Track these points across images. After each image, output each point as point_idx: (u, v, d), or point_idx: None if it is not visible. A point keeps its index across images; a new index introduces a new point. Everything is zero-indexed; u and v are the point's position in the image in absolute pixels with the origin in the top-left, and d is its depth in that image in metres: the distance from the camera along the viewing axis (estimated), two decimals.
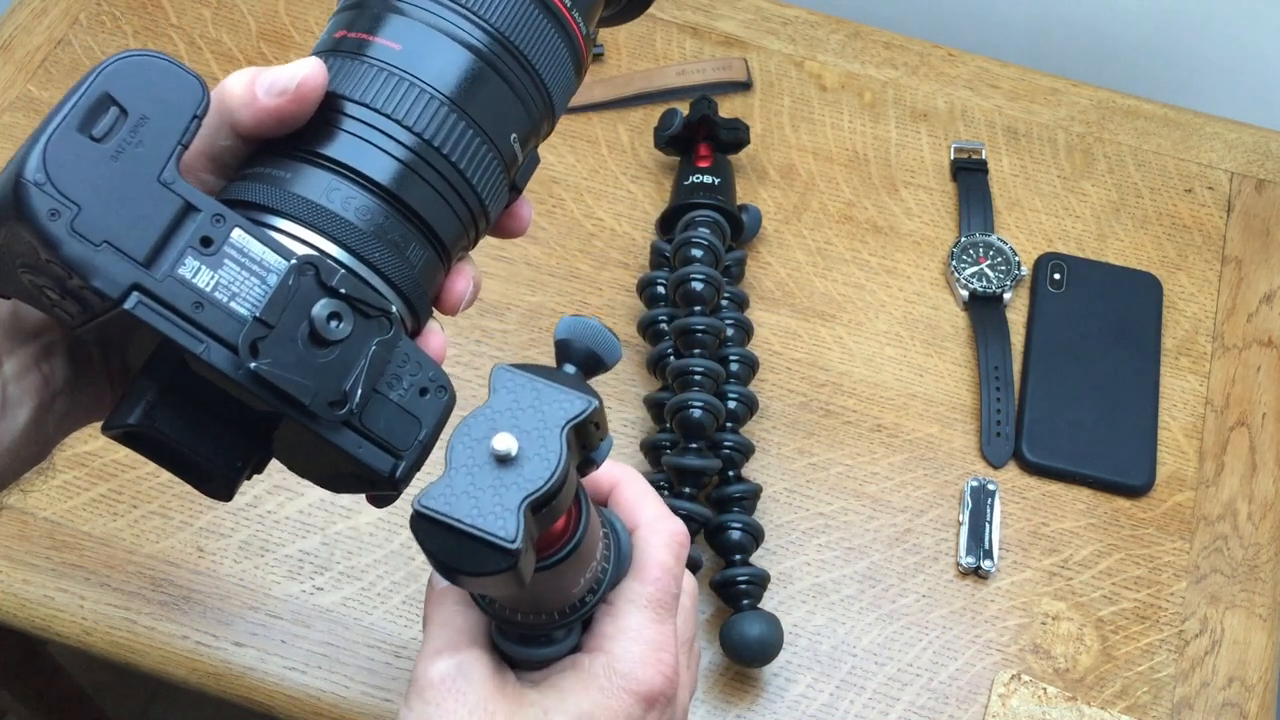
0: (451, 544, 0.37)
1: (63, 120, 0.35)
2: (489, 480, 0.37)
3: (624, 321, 0.84)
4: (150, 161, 0.36)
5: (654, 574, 0.44)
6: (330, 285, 0.37)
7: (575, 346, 0.41)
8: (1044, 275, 0.87)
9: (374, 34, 0.42)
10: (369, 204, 0.40)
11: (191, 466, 0.40)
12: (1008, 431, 0.81)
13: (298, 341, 0.36)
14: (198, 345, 0.36)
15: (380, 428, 0.38)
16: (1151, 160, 0.94)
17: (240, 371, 0.36)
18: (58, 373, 0.42)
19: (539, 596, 0.42)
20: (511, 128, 0.44)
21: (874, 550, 0.77)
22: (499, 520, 0.36)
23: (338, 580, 0.74)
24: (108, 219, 0.35)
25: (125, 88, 0.36)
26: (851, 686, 0.73)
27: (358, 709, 0.70)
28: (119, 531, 0.75)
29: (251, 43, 0.95)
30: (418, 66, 0.41)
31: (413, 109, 0.41)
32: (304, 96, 0.40)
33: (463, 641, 0.43)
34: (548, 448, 0.37)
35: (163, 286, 0.35)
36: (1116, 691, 0.74)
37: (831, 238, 0.89)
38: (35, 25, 0.95)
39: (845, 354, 0.84)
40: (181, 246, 0.36)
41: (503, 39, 0.43)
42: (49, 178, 0.34)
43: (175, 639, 0.72)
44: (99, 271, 0.35)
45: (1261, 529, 0.79)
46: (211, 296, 0.36)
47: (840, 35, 0.99)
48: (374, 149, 0.40)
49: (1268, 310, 0.88)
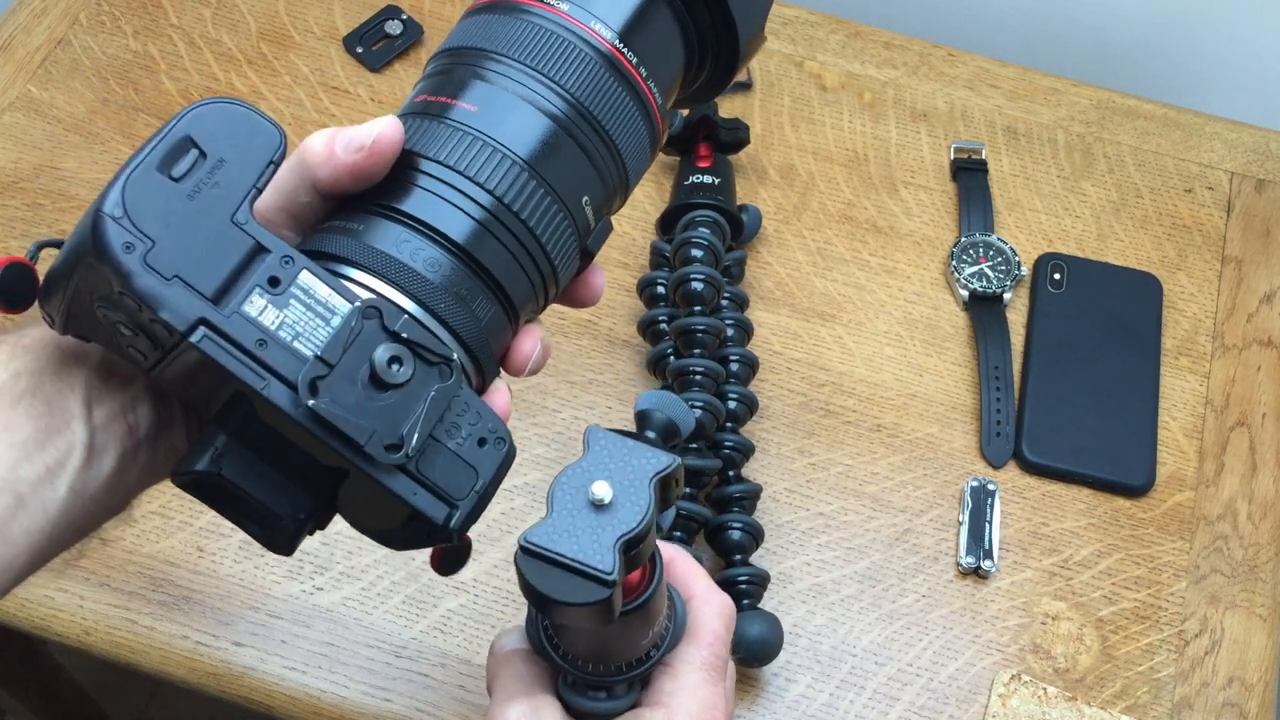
0: (554, 577, 0.40)
1: (143, 159, 0.36)
2: (587, 523, 0.40)
3: (624, 321, 0.84)
4: (225, 203, 0.37)
5: (708, 639, 0.48)
6: (393, 330, 0.38)
7: (655, 416, 0.45)
8: (1044, 275, 0.87)
9: (455, 98, 0.43)
10: (437, 257, 0.41)
11: (255, 516, 0.41)
12: (1008, 431, 0.81)
13: (357, 383, 0.37)
14: (259, 381, 0.36)
15: (436, 475, 0.39)
16: (1151, 160, 0.94)
17: (299, 409, 0.37)
18: (142, 423, 0.43)
19: (611, 644, 0.45)
20: (585, 193, 0.45)
21: (874, 550, 0.77)
22: (598, 555, 0.40)
23: (338, 580, 0.74)
24: (180, 255, 0.36)
25: (206, 131, 0.37)
26: (851, 686, 0.73)
27: (358, 709, 0.70)
28: (119, 532, 0.75)
29: (251, 42, 0.95)
30: (495, 129, 0.43)
31: (486, 168, 0.42)
32: (380, 152, 0.41)
33: (535, 689, 0.46)
34: (638, 496, 0.41)
35: (229, 322, 0.36)
36: (1116, 691, 0.74)
37: (831, 238, 0.89)
38: (35, 25, 0.95)
39: (845, 354, 0.84)
40: (250, 285, 0.37)
41: (580, 107, 0.44)
42: (126, 212, 0.35)
43: (175, 639, 0.72)
44: (167, 304, 0.36)
45: (1261, 529, 0.79)
46: (275, 335, 0.37)
47: (840, 35, 0.99)
48: (446, 204, 0.42)
49: (1268, 310, 0.88)
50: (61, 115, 0.90)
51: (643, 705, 0.46)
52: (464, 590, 0.74)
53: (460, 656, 0.72)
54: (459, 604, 0.74)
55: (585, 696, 0.46)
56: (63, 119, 0.90)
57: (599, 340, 0.83)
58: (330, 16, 0.97)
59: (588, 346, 0.83)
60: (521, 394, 0.81)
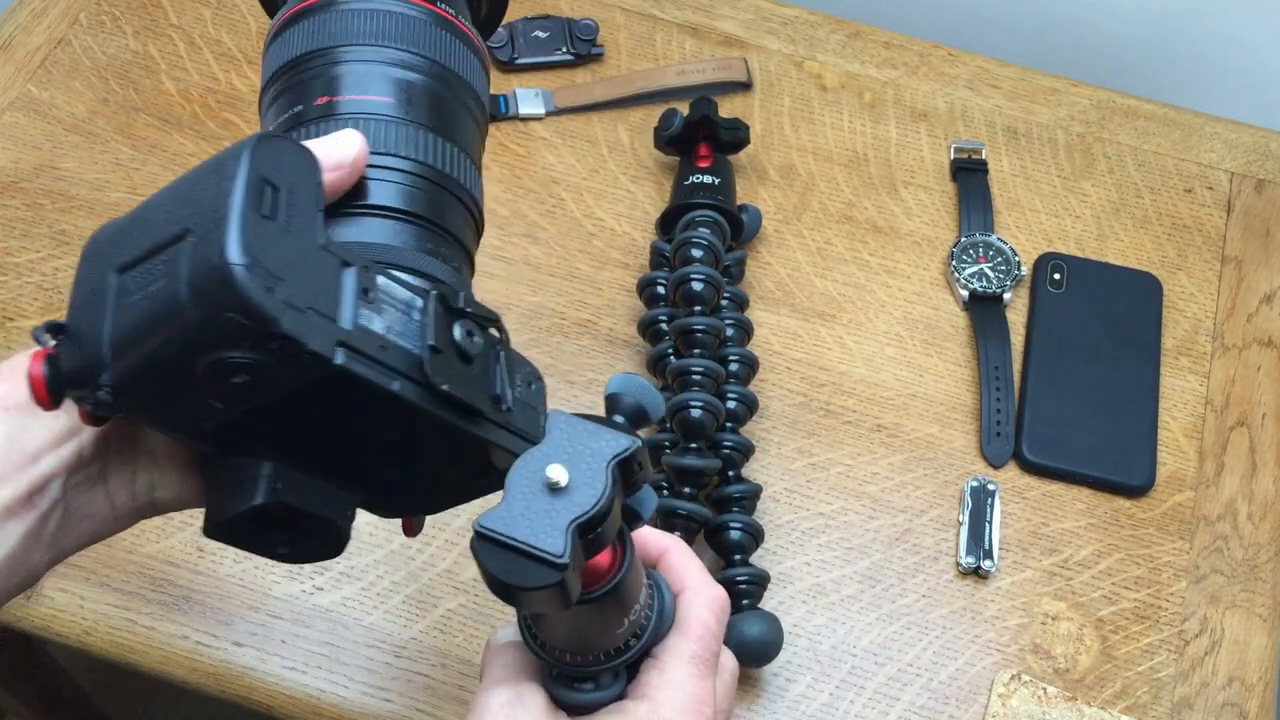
0: (507, 561, 0.40)
1: (243, 204, 0.37)
2: (542, 506, 0.40)
3: (624, 321, 0.84)
4: (310, 229, 0.39)
5: (697, 632, 0.47)
6: (459, 308, 0.41)
7: (624, 400, 0.45)
8: (1044, 275, 0.87)
9: (333, 95, 0.46)
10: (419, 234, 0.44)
11: (300, 535, 0.42)
12: (1008, 431, 0.81)
13: (455, 361, 0.40)
14: (392, 383, 0.38)
15: (518, 421, 0.43)
16: (1151, 160, 0.94)
17: (427, 398, 0.39)
18: (49, 498, 0.42)
19: (585, 633, 0.45)
20: (466, 130, 0.49)
21: (874, 550, 0.77)
22: (550, 538, 0.40)
23: (338, 580, 0.74)
24: (303, 287, 0.37)
25: (270, 168, 0.38)
26: (851, 686, 0.73)
27: (358, 709, 0.70)
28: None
29: (251, 43, 0.95)
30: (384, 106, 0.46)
31: (405, 143, 0.45)
32: (359, 167, 0.43)
33: (520, 676, 0.46)
34: (595, 479, 0.41)
35: (356, 338, 0.38)
36: (1116, 691, 0.74)
37: (831, 238, 0.89)
38: (35, 25, 0.95)
39: (845, 354, 0.84)
40: (353, 299, 0.38)
41: (433, 62, 0.48)
42: (255, 259, 0.36)
43: (175, 639, 0.72)
44: (314, 337, 0.37)
45: (1261, 529, 0.79)
46: (387, 339, 0.39)
47: (840, 35, 0.99)
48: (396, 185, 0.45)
49: (1268, 310, 0.88)
50: (61, 115, 0.90)
51: (628, 698, 0.46)
52: (464, 590, 0.74)
53: (460, 656, 0.72)
54: (459, 604, 0.74)
55: (569, 688, 0.46)
56: (63, 119, 0.90)
57: (599, 340, 0.83)
58: None
59: (588, 346, 0.83)
60: None
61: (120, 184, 0.88)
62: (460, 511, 0.76)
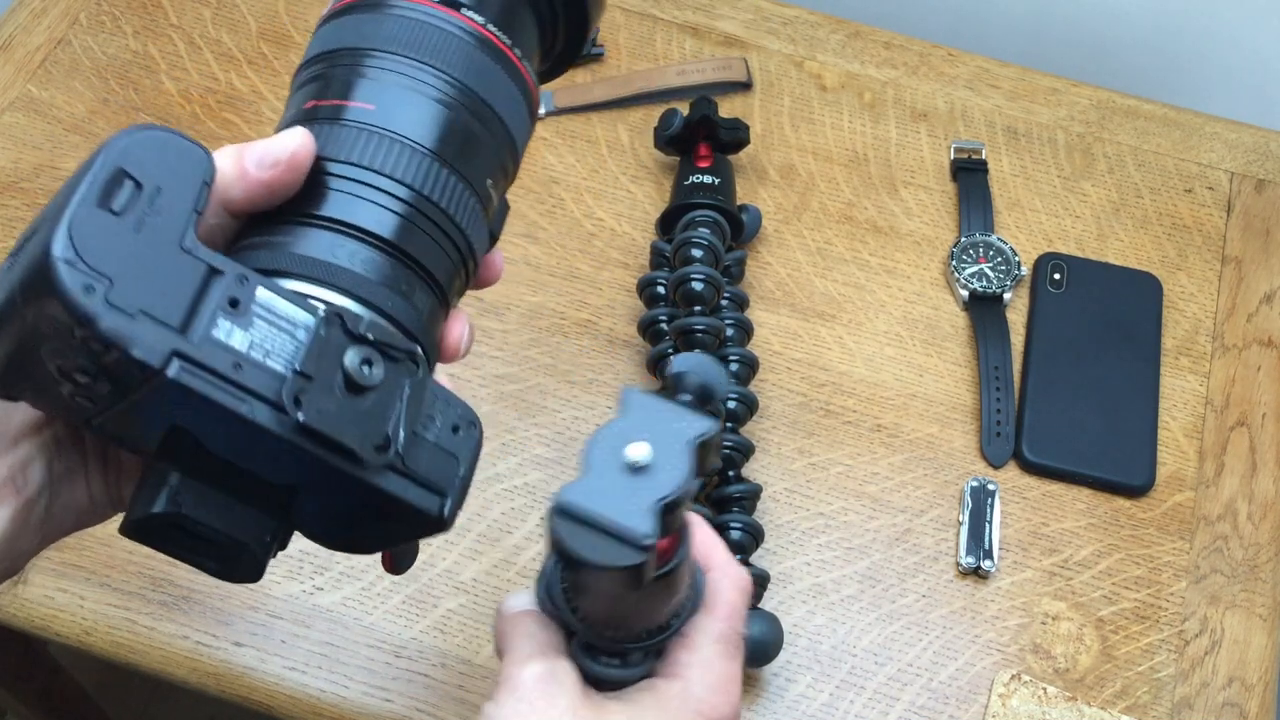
0: (589, 539, 0.38)
1: (83, 197, 0.35)
2: (624, 484, 0.39)
3: (624, 321, 0.84)
4: (170, 230, 0.36)
5: (725, 611, 0.46)
6: (358, 333, 0.38)
7: (690, 378, 0.44)
8: (1044, 275, 0.87)
9: (347, 99, 0.43)
10: (372, 256, 0.41)
11: (216, 551, 0.40)
12: (1008, 431, 0.81)
13: (335, 391, 0.37)
14: (241, 405, 0.36)
15: (422, 468, 0.39)
16: (1151, 160, 0.94)
17: (286, 427, 0.36)
18: (33, 483, 0.42)
19: (632, 611, 0.44)
20: (486, 173, 0.45)
21: (874, 550, 0.77)
22: (636, 518, 0.38)
23: (338, 580, 0.74)
24: (139, 289, 0.35)
25: (136, 162, 0.37)
26: (851, 686, 0.73)
27: (358, 709, 0.70)
28: (119, 531, 0.74)
29: (251, 42, 0.95)
30: (393, 122, 0.43)
31: (397, 161, 0.42)
32: (298, 165, 0.41)
33: (551, 651, 0.45)
34: (679, 459, 0.40)
35: (201, 351, 0.35)
36: (1116, 691, 0.74)
37: (831, 238, 0.89)
38: (35, 25, 0.95)
39: (845, 354, 0.84)
40: (212, 310, 0.36)
41: (465, 88, 0.45)
42: (78, 254, 0.34)
43: (175, 639, 0.72)
44: (139, 341, 0.34)
45: (1261, 529, 0.79)
46: (248, 356, 0.36)
47: (840, 35, 0.99)
48: (366, 203, 0.42)
49: (1268, 310, 0.88)
50: (61, 115, 0.90)
51: (658, 675, 0.45)
52: (464, 590, 0.74)
53: (460, 656, 0.72)
54: (459, 604, 0.74)
55: (600, 662, 0.45)
56: (63, 119, 0.90)
57: (599, 340, 0.83)
58: None
59: (588, 346, 0.83)
60: (522, 394, 0.81)
61: None
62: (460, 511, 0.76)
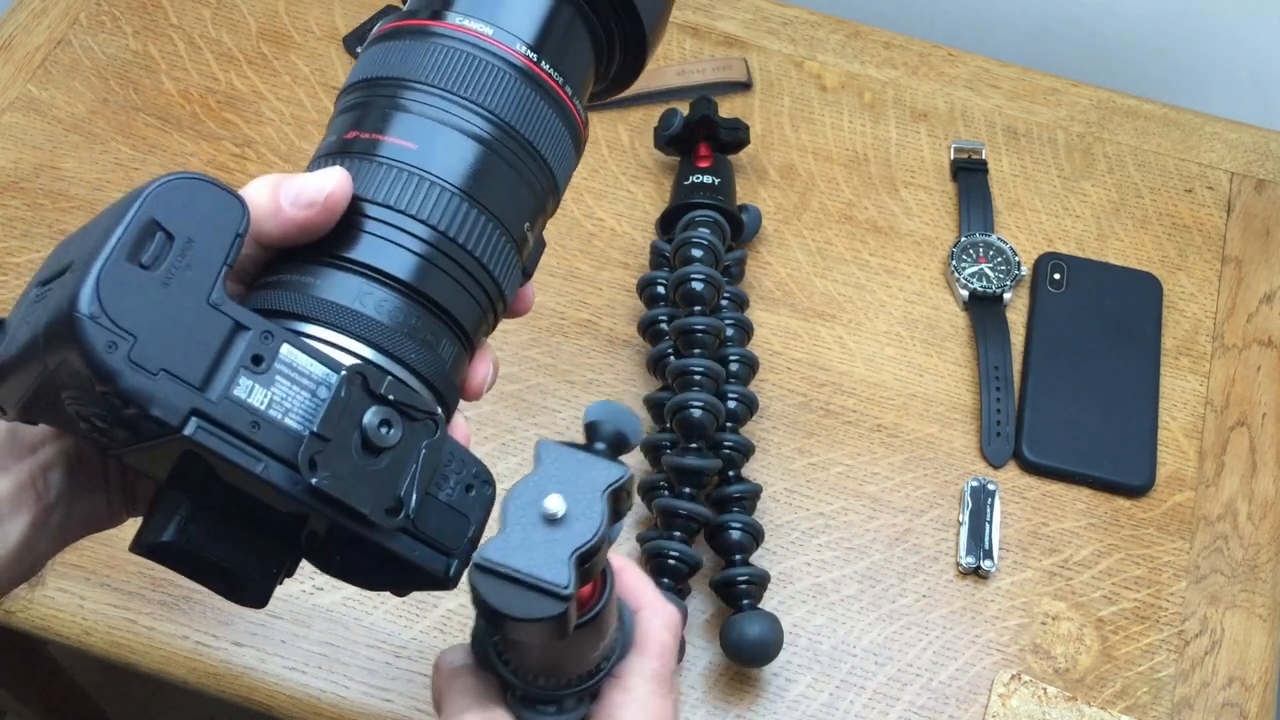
0: (509, 593, 0.39)
1: (112, 251, 0.35)
2: (540, 537, 0.39)
3: (624, 321, 0.84)
4: (199, 285, 0.36)
5: (656, 650, 0.47)
6: (379, 393, 0.38)
7: (604, 427, 0.44)
8: (1044, 275, 0.87)
9: (384, 133, 0.43)
10: (398, 303, 0.41)
11: (224, 576, 0.40)
12: (1008, 431, 0.81)
13: (352, 452, 0.37)
14: (256, 465, 0.36)
15: (432, 529, 0.40)
16: (1151, 160, 0.94)
17: (299, 488, 0.36)
18: (53, 489, 0.42)
19: (560, 658, 0.45)
20: (522, 213, 0.45)
21: (874, 550, 0.77)
22: (553, 570, 0.39)
23: (338, 580, 0.74)
24: (163, 347, 0.35)
25: (170, 212, 0.36)
26: (851, 686, 0.73)
27: (358, 709, 0.70)
28: (119, 532, 0.74)
29: (251, 43, 0.95)
30: (430, 162, 0.42)
31: (426, 203, 0.42)
32: (332, 208, 0.40)
33: (488, 703, 0.45)
34: (591, 509, 0.40)
35: (219, 409, 0.35)
36: (1116, 691, 0.74)
37: (831, 238, 0.89)
38: (35, 25, 0.95)
39: (845, 354, 0.84)
40: (234, 367, 0.36)
41: (506, 126, 0.44)
42: (104, 310, 0.34)
43: (175, 639, 0.72)
44: (158, 401, 0.34)
45: (1261, 529, 0.79)
46: (267, 415, 0.36)
47: (840, 35, 0.99)
48: (395, 246, 0.41)
49: (1268, 310, 0.88)
50: (61, 115, 0.90)
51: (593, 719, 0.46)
52: (464, 590, 0.74)
53: None
54: (459, 604, 0.74)
55: (535, 711, 0.46)
56: (63, 119, 0.90)
57: (599, 340, 0.83)
58: (330, 16, 0.97)
59: (588, 346, 0.83)
60: (521, 394, 0.81)
61: (120, 184, 0.88)
62: None
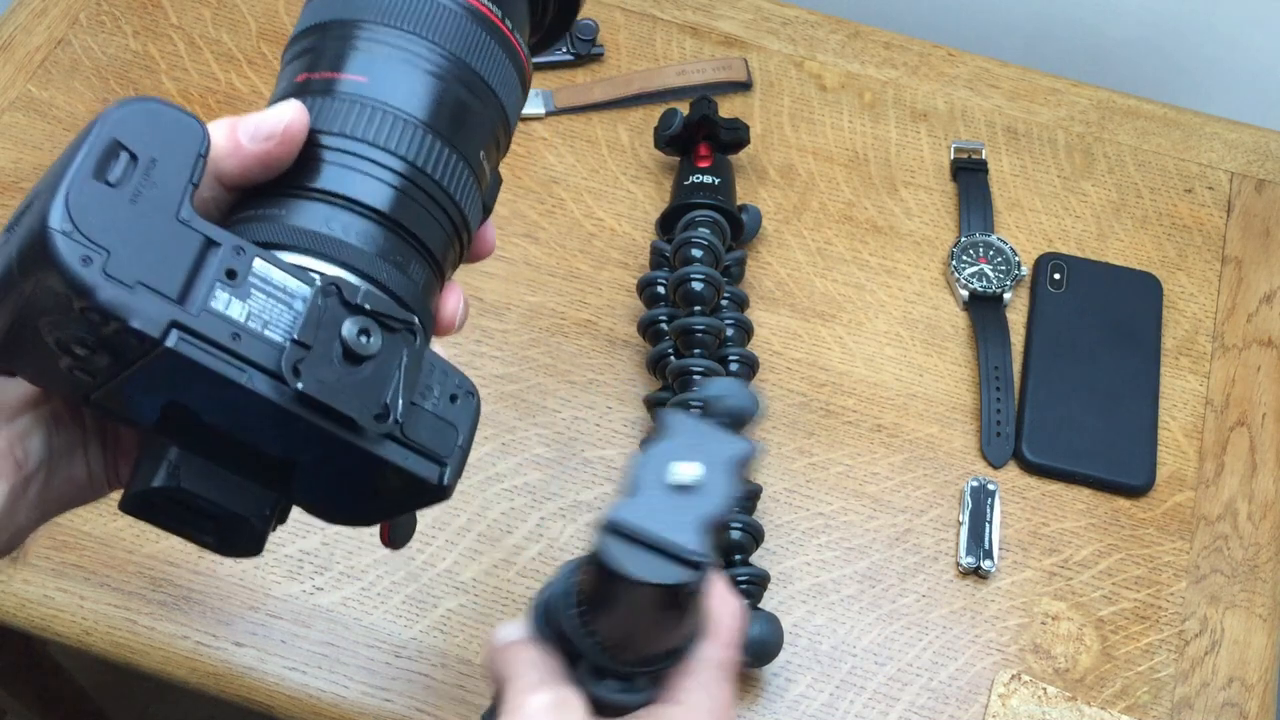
0: (638, 557, 0.39)
1: (78, 169, 0.35)
2: (670, 504, 0.39)
3: (624, 321, 0.84)
4: (167, 202, 0.36)
5: (725, 638, 0.47)
6: (355, 303, 0.38)
7: (727, 401, 0.44)
8: (1044, 275, 0.87)
9: (339, 71, 0.44)
10: (367, 228, 0.41)
11: (216, 524, 0.40)
12: (1008, 431, 0.81)
13: (334, 361, 0.37)
14: (241, 375, 0.36)
15: (422, 437, 0.40)
16: (1151, 160, 0.94)
17: (286, 395, 0.36)
18: (32, 457, 0.42)
19: (651, 634, 0.44)
20: (479, 145, 0.46)
21: (874, 550, 0.77)
22: (687, 536, 0.39)
23: (338, 580, 0.74)
24: (137, 260, 0.35)
25: (131, 134, 0.37)
26: (851, 686, 0.73)
27: (358, 709, 0.70)
28: (119, 531, 0.75)
29: (251, 42, 0.95)
30: (386, 94, 0.43)
31: (390, 134, 0.43)
32: (291, 139, 0.41)
33: (556, 679, 0.45)
34: (721, 479, 0.40)
35: (200, 321, 0.36)
36: (1116, 691, 0.74)
37: (831, 238, 0.89)
38: (35, 25, 0.95)
39: (845, 354, 0.84)
40: (210, 281, 0.36)
41: (456, 59, 0.45)
42: (75, 225, 0.34)
43: (175, 639, 0.72)
44: (137, 312, 0.35)
45: (1261, 529, 0.79)
46: (246, 326, 0.36)
47: (840, 35, 0.99)
48: (362, 175, 0.42)
49: (1268, 310, 0.88)
50: (61, 115, 0.90)
51: (659, 702, 0.46)
52: (464, 590, 0.74)
53: (460, 656, 0.72)
54: (459, 604, 0.74)
55: (606, 687, 0.45)
56: (63, 119, 0.90)
57: (599, 340, 0.83)
58: None
59: (588, 346, 0.83)
60: (521, 394, 0.81)
61: None
62: (460, 511, 0.76)
